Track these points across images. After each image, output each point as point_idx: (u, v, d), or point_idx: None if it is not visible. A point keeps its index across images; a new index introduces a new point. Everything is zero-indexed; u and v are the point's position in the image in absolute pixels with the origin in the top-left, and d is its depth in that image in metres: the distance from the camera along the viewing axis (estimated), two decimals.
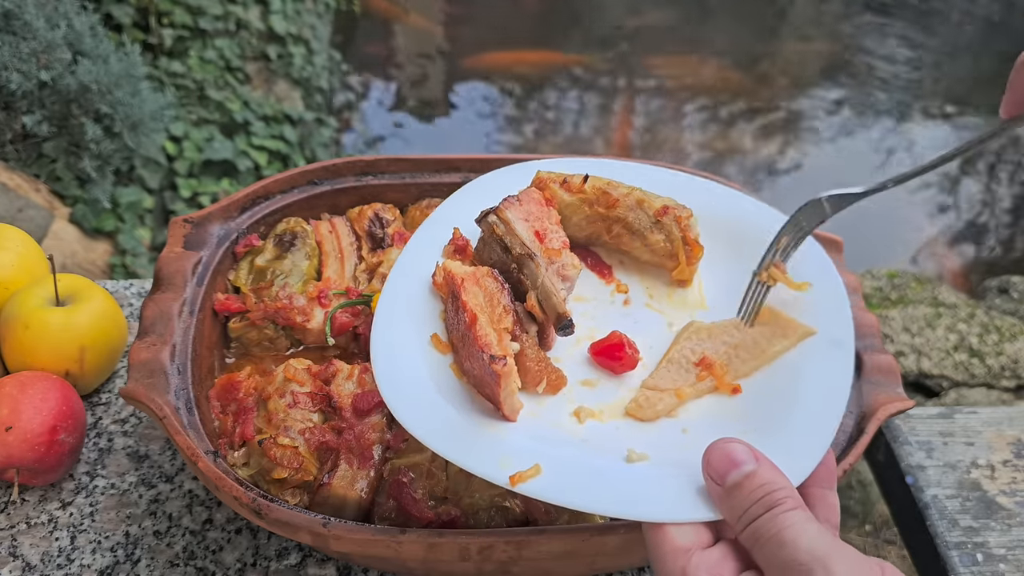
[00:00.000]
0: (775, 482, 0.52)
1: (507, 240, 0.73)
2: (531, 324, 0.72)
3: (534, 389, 0.71)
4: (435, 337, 0.72)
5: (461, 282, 0.69)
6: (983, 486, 1.08)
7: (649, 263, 0.84)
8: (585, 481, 0.61)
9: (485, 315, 0.67)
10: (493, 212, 0.75)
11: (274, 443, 0.77)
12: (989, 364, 2.64)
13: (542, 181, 0.82)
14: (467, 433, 0.65)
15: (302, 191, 1.02)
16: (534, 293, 0.71)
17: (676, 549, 0.54)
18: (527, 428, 0.67)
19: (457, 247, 0.78)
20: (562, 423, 0.70)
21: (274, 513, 0.68)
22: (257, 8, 3.68)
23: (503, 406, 0.66)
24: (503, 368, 0.62)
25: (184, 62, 3.31)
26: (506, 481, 0.60)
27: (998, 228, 4.11)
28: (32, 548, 0.82)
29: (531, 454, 0.63)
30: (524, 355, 0.70)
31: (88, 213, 2.52)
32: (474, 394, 0.69)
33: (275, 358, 0.93)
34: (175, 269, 0.88)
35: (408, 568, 0.74)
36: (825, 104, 4.89)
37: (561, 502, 0.59)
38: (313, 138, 3.54)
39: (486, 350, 0.63)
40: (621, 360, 0.74)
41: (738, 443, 0.55)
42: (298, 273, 0.95)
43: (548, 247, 0.75)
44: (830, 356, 0.73)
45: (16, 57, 2.23)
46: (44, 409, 0.82)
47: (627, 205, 0.82)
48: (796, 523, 0.50)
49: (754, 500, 0.52)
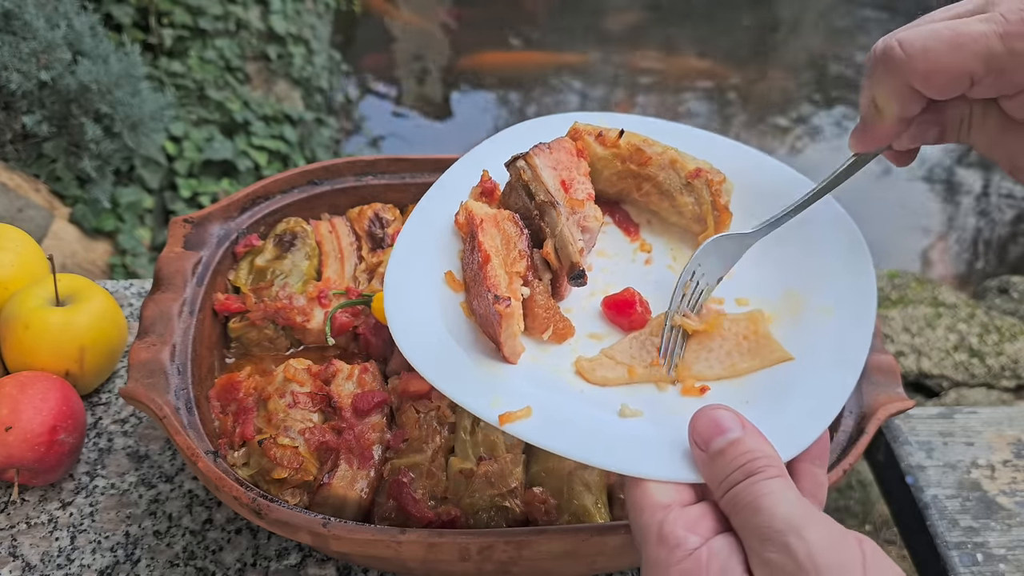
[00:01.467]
0: (758, 450, 0.52)
1: (532, 186, 0.73)
2: (545, 272, 0.72)
3: (540, 336, 0.71)
4: (449, 274, 0.72)
5: (480, 222, 0.70)
6: (983, 486, 1.08)
7: (677, 225, 0.83)
8: (573, 429, 0.61)
9: (499, 257, 0.68)
10: (522, 157, 0.74)
11: (274, 443, 0.76)
12: (989, 364, 2.64)
13: (577, 132, 0.81)
14: (465, 370, 0.65)
15: (302, 191, 1.02)
16: (551, 241, 0.71)
17: (655, 505, 0.53)
18: (526, 372, 0.67)
19: (485, 190, 0.78)
20: (562, 372, 0.70)
21: (274, 513, 0.68)
22: (257, 8, 3.68)
23: (503, 347, 0.66)
24: (505, 309, 0.63)
25: (184, 62, 3.31)
26: (495, 419, 0.60)
27: (998, 228, 4.11)
28: (32, 548, 0.82)
29: (525, 397, 0.63)
30: (534, 301, 0.70)
31: (88, 213, 2.52)
32: (479, 333, 0.69)
33: (275, 358, 0.93)
34: (175, 269, 0.88)
35: (408, 568, 0.74)
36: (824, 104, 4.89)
37: (546, 445, 0.59)
38: (313, 138, 3.54)
39: (492, 289, 0.64)
40: (631, 316, 0.73)
41: (725, 410, 0.55)
42: (298, 273, 0.95)
43: (572, 197, 0.74)
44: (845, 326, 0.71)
45: (16, 57, 2.23)
46: (44, 409, 0.82)
47: (659, 164, 0.80)
48: (774, 491, 0.49)
49: (736, 467, 0.51)
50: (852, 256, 0.76)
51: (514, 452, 0.80)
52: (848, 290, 0.73)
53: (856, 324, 0.70)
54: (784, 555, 0.46)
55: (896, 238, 3.89)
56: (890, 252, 3.78)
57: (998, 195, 4.31)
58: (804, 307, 0.74)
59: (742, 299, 0.76)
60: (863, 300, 0.72)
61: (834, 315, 0.72)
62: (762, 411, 0.63)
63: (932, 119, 0.65)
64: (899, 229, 3.94)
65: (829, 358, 0.68)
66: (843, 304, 0.72)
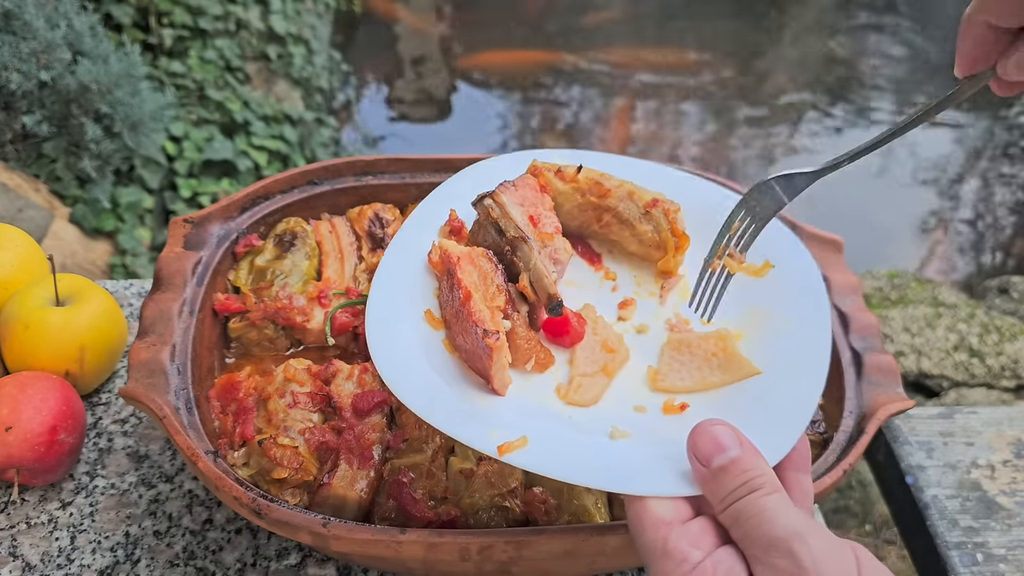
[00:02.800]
0: (757, 468, 0.55)
1: (502, 223, 0.75)
2: (522, 304, 0.75)
3: (523, 367, 0.73)
4: (428, 313, 0.74)
5: (457, 260, 0.71)
6: (983, 486, 1.08)
7: (636, 254, 0.87)
8: (571, 454, 0.63)
9: (479, 292, 0.70)
10: (489, 196, 0.77)
11: (274, 443, 0.76)
12: (989, 364, 2.64)
13: (537, 169, 0.84)
14: (458, 405, 0.66)
15: (302, 191, 1.02)
16: (527, 275, 0.74)
17: (657, 522, 0.55)
18: (515, 403, 0.69)
19: (452, 228, 0.80)
20: (548, 400, 0.72)
21: (274, 513, 0.68)
22: (257, 8, 3.68)
23: (494, 380, 0.68)
24: (495, 342, 0.65)
25: (184, 62, 3.31)
26: (495, 451, 0.62)
27: (998, 228, 4.11)
28: (32, 548, 0.82)
29: (519, 427, 0.65)
30: (515, 333, 0.72)
31: (88, 213, 2.52)
32: (465, 369, 0.71)
33: (275, 358, 0.93)
34: (175, 269, 0.88)
35: (408, 568, 0.74)
36: (823, 104, 4.89)
37: (548, 473, 0.61)
38: (313, 138, 3.54)
39: (480, 324, 0.66)
40: (569, 333, 0.76)
41: (723, 427, 0.57)
42: (298, 273, 0.95)
43: (541, 231, 0.77)
44: (807, 339, 0.74)
45: (16, 57, 2.23)
46: (44, 409, 0.82)
47: (618, 196, 0.84)
48: (776, 505, 0.52)
49: (738, 484, 0.54)
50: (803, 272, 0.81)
51: None
52: (802, 298, 0.77)
53: (816, 330, 0.74)
54: (789, 560, 0.49)
55: (896, 238, 3.89)
56: (890, 252, 3.78)
57: (998, 195, 4.31)
58: (767, 321, 0.77)
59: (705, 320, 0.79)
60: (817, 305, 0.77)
61: (794, 326, 0.76)
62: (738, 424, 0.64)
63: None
64: (899, 229, 3.94)
65: (795, 369, 0.71)
66: (800, 313, 0.76)
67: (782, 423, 0.65)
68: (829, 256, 0.98)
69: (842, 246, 0.97)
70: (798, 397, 0.68)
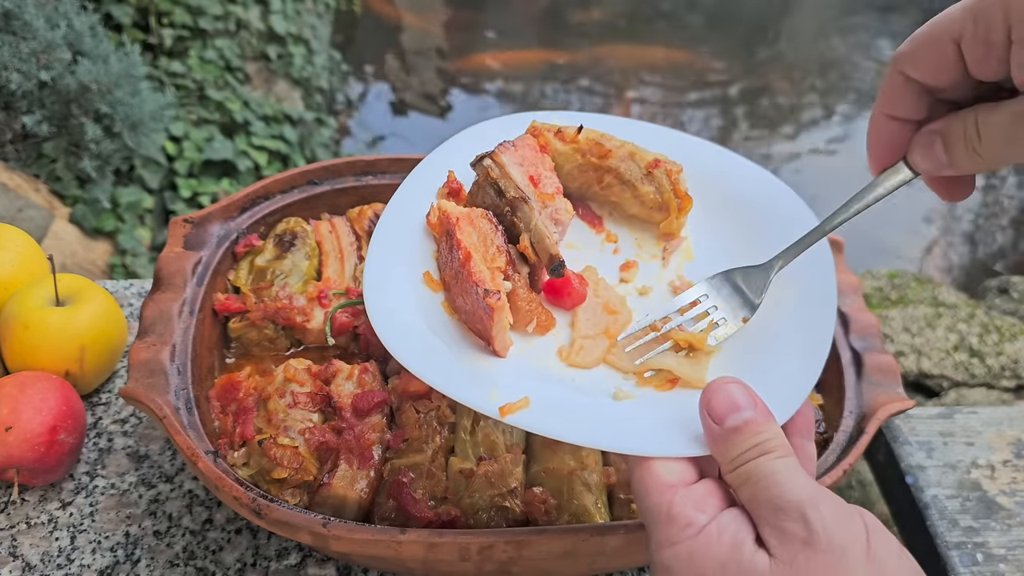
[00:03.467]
0: (771, 431, 0.54)
1: (501, 183, 0.74)
2: (523, 265, 0.73)
3: (524, 329, 0.72)
4: (427, 275, 0.73)
5: (456, 221, 0.70)
6: (983, 486, 1.08)
7: (638, 216, 0.85)
8: (574, 415, 0.62)
9: (479, 253, 0.69)
10: (488, 156, 0.75)
11: (274, 443, 0.76)
12: (989, 364, 2.64)
13: (537, 130, 0.82)
14: (458, 367, 0.65)
15: (302, 191, 1.02)
16: (527, 235, 0.72)
17: (662, 484, 0.55)
18: (516, 365, 0.68)
19: (451, 190, 0.79)
20: (550, 363, 0.71)
21: (274, 513, 0.68)
22: (257, 8, 3.68)
23: (494, 341, 0.67)
24: (497, 302, 0.64)
25: (184, 62, 3.31)
26: (496, 412, 0.61)
27: (999, 228, 4.11)
28: (32, 548, 0.82)
29: (520, 388, 0.64)
30: (516, 295, 0.71)
31: (88, 213, 2.52)
32: (465, 331, 0.69)
33: (275, 358, 0.93)
34: (175, 269, 0.88)
35: (408, 568, 0.74)
36: (822, 104, 4.89)
37: (551, 434, 0.60)
38: (313, 138, 3.54)
39: (480, 284, 0.65)
40: (570, 295, 0.75)
41: (738, 386, 0.57)
42: (298, 273, 0.95)
43: (542, 191, 0.76)
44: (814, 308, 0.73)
45: (16, 57, 2.23)
46: (44, 409, 0.82)
47: (619, 156, 0.82)
48: (787, 469, 0.52)
49: (751, 445, 0.53)
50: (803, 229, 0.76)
51: (514, 452, 0.80)
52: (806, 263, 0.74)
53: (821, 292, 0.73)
54: (800, 524, 0.49)
55: (896, 238, 3.89)
56: (890, 252, 3.78)
57: (998, 195, 4.31)
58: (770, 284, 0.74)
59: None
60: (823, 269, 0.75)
61: (798, 288, 0.74)
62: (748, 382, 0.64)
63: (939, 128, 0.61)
64: (899, 229, 3.94)
65: (801, 328, 0.71)
66: (804, 277, 0.74)
67: (786, 387, 0.64)
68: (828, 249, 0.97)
69: (842, 246, 0.97)
70: (803, 361, 0.67)
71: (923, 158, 0.61)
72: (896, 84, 0.60)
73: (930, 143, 0.60)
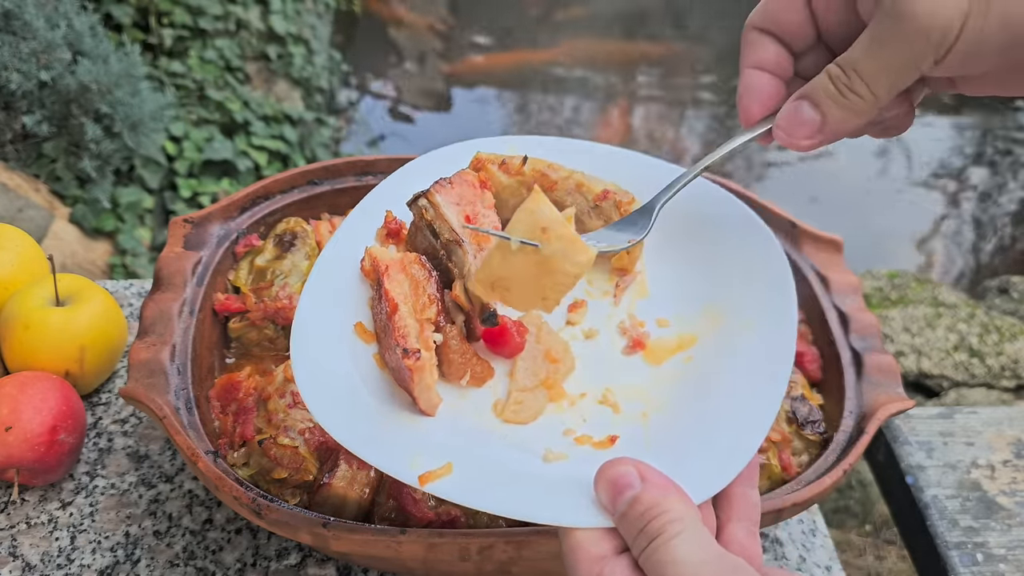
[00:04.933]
0: (659, 505, 0.50)
1: (436, 225, 0.70)
2: (458, 314, 0.69)
3: (458, 382, 0.68)
4: (359, 325, 0.69)
5: (386, 268, 0.66)
6: (983, 486, 1.08)
7: None
8: (496, 482, 0.58)
9: (408, 304, 0.65)
10: (423, 195, 0.71)
11: (274, 443, 0.77)
12: (989, 364, 2.64)
13: (480, 162, 0.78)
14: (383, 428, 0.62)
15: (302, 191, 1.02)
16: (460, 282, 0.68)
17: (590, 557, 0.52)
18: (446, 423, 0.64)
19: (390, 231, 0.75)
20: (484, 418, 0.67)
21: (274, 513, 0.68)
22: (257, 8, 3.68)
23: (419, 401, 0.63)
24: (415, 363, 0.60)
25: (184, 62, 3.31)
26: (415, 481, 0.57)
27: (999, 228, 4.11)
28: (32, 548, 0.82)
29: (446, 452, 0.60)
30: (448, 347, 0.66)
31: (88, 213, 2.52)
32: (396, 387, 0.66)
33: (275, 358, 0.93)
34: (175, 269, 0.88)
35: (408, 568, 0.74)
36: None
37: (470, 504, 0.56)
38: (313, 138, 3.54)
39: (401, 342, 0.61)
40: (509, 344, 0.70)
41: (624, 464, 0.53)
42: (298, 273, 0.95)
43: (477, 233, 0.71)
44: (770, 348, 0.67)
45: (16, 57, 2.23)
46: (44, 409, 0.82)
47: (565, 189, 0.78)
48: (678, 557, 0.47)
49: (638, 529, 0.50)
50: (766, 259, 0.74)
51: None
52: (766, 297, 0.71)
53: (778, 335, 0.67)
54: None
55: (896, 238, 3.89)
56: (890, 252, 3.78)
57: (999, 195, 4.31)
58: (724, 322, 0.71)
59: (662, 319, 0.75)
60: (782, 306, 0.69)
61: (754, 328, 0.69)
62: (688, 444, 0.61)
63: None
64: (899, 229, 3.94)
65: (752, 378, 0.65)
66: (763, 314, 0.70)
67: (736, 439, 0.60)
68: (829, 256, 0.98)
69: (842, 246, 0.97)
70: (754, 411, 0.62)
71: (791, 125, 0.59)
72: (753, 39, 0.60)
73: (796, 109, 0.58)
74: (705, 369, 0.69)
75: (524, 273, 0.61)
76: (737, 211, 0.79)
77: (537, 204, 0.58)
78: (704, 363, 0.69)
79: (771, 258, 0.74)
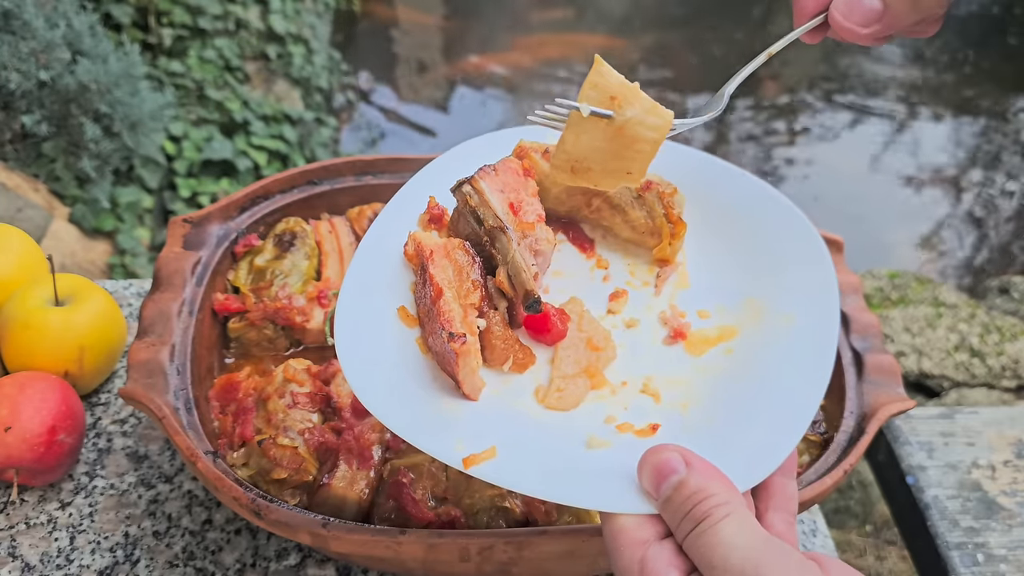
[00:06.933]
0: (705, 490, 0.50)
1: (480, 211, 0.70)
2: (501, 300, 0.69)
3: (500, 367, 0.68)
4: (402, 310, 0.69)
5: (430, 254, 0.66)
6: (984, 486, 1.07)
7: (630, 240, 0.81)
8: (541, 466, 0.59)
9: (452, 290, 0.65)
10: (468, 182, 0.71)
11: (274, 443, 0.76)
12: (990, 364, 2.64)
13: (523, 150, 0.78)
14: (426, 411, 0.62)
15: (302, 191, 1.02)
16: (504, 268, 0.68)
17: (633, 542, 0.52)
18: (489, 408, 0.64)
19: (432, 216, 0.74)
20: (526, 404, 0.67)
21: (273, 514, 0.68)
22: (257, 8, 3.68)
23: (463, 385, 0.63)
24: (461, 347, 0.60)
25: (183, 62, 3.31)
26: (460, 463, 0.58)
27: (999, 228, 4.11)
28: (31, 548, 0.82)
29: (489, 436, 0.60)
30: (491, 332, 0.67)
31: (87, 213, 2.52)
32: (438, 371, 0.66)
33: (275, 358, 0.93)
34: (174, 269, 0.87)
35: (408, 569, 0.74)
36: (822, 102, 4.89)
37: (514, 487, 0.57)
38: (313, 138, 3.54)
39: (446, 327, 0.61)
40: (551, 331, 0.70)
41: (669, 450, 0.53)
42: (298, 273, 0.95)
43: (522, 220, 0.71)
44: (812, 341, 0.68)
45: (16, 57, 2.23)
46: (43, 409, 0.82)
47: None
48: (724, 539, 0.47)
49: (684, 513, 0.50)
50: (807, 251, 0.74)
51: None
52: (808, 291, 0.71)
53: (820, 329, 0.68)
54: None
55: (896, 238, 3.89)
56: (890, 252, 3.78)
57: (999, 195, 4.31)
58: (765, 315, 0.71)
59: (703, 311, 0.74)
60: (824, 300, 0.70)
61: (796, 322, 0.69)
62: (729, 434, 0.61)
63: None
64: (899, 229, 3.94)
65: (794, 370, 0.66)
66: (804, 308, 0.70)
67: (778, 430, 0.60)
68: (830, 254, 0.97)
69: (842, 246, 0.97)
70: (797, 401, 0.63)
71: (850, 9, 0.60)
72: None
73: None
74: (746, 361, 0.69)
75: (601, 148, 0.59)
76: (777, 203, 0.79)
77: (601, 74, 0.55)
78: (745, 355, 0.69)
79: (812, 252, 0.74)
